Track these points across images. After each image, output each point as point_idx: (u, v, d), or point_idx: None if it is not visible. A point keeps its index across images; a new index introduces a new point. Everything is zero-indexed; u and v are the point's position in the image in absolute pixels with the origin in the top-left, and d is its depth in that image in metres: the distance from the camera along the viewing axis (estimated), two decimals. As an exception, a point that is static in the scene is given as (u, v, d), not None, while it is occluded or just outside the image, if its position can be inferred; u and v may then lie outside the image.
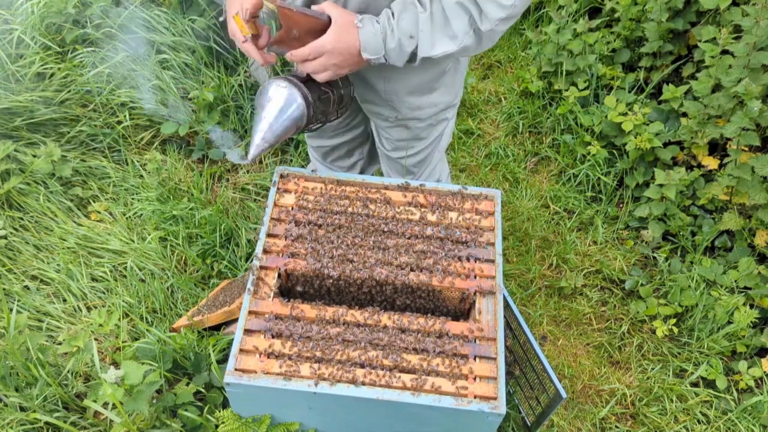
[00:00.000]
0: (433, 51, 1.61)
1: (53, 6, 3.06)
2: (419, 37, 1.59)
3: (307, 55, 1.60)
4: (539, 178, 3.21)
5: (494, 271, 1.75)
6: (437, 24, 1.58)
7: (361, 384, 1.53)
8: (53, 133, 3.04)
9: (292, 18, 1.58)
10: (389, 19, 1.58)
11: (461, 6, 1.55)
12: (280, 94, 1.65)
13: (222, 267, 2.63)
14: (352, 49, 1.59)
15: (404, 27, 1.58)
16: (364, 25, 1.57)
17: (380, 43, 1.59)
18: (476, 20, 1.58)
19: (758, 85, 2.52)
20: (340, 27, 1.57)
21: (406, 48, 1.61)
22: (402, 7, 1.58)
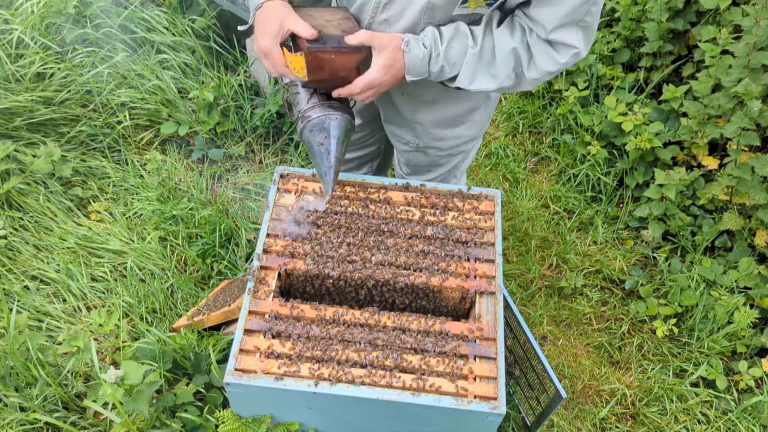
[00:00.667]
0: (471, 85, 1.59)
1: (53, 6, 3.06)
2: (462, 69, 1.57)
3: (357, 92, 1.57)
4: (539, 178, 3.21)
5: (494, 271, 1.75)
6: (483, 61, 1.56)
7: (361, 384, 1.53)
8: (53, 133, 3.04)
9: (335, 61, 1.53)
10: (437, 42, 1.54)
11: (514, 52, 1.54)
12: (336, 126, 1.61)
13: (222, 267, 2.63)
14: (398, 73, 1.56)
15: (451, 56, 1.55)
16: (410, 50, 1.53)
17: (425, 66, 1.55)
18: (523, 66, 1.56)
19: (758, 85, 2.52)
20: (387, 56, 1.53)
21: (446, 74, 1.58)
22: (452, 33, 1.54)
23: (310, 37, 1.51)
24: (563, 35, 1.48)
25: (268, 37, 1.56)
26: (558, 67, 1.54)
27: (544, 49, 1.53)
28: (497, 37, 1.54)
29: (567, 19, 1.45)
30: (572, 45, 1.50)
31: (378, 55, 1.53)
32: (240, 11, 3.07)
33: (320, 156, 1.63)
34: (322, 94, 1.64)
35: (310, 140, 1.63)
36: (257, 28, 1.59)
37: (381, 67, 1.53)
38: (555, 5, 1.44)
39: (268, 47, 1.56)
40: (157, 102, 3.13)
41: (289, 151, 3.17)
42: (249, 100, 3.21)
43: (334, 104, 1.63)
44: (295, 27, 1.52)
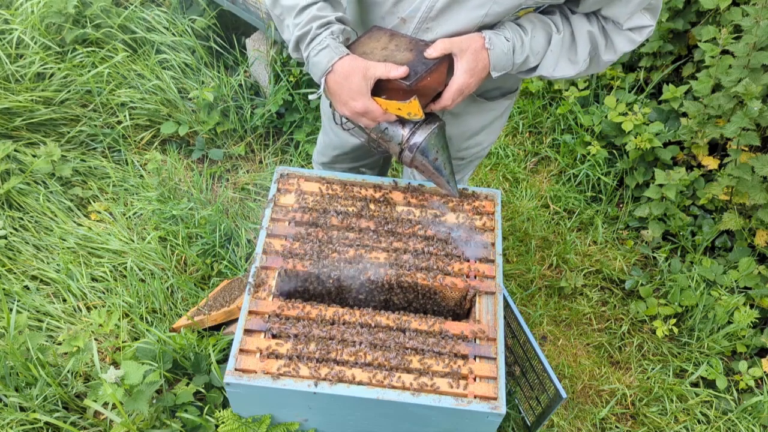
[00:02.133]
0: (555, 72, 1.58)
1: (53, 6, 3.06)
2: (546, 56, 1.55)
3: (449, 104, 1.54)
4: (539, 178, 3.21)
5: (494, 271, 1.75)
6: (564, 47, 1.56)
7: (360, 384, 1.53)
8: (53, 133, 3.04)
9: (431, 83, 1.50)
10: (518, 32, 1.51)
11: (591, 35, 1.54)
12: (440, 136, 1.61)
13: (222, 267, 2.63)
14: (483, 73, 1.52)
15: (536, 45, 1.53)
16: (494, 46, 1.49)
17: (510, 59, 1.52)
18: (600, 50, 1.56)
19: (758, 85, 2.52)
20: (470, 59, 1.48)
21: (530, 64, 1.56)
22: (533, 24, 1.52)
23: (403, 75, 1.45)
24: (636, 20, 1.52)
25: (359, 97, 1.47)
26: (634, 45, 1.57)
27: (621, 33, 1.55)
28: (575, 22, 1.55)
29: (637, 8, 1.49)
30: (645, 25, 1.53)
31: (460, 59, 1.48)
32: (240, 11, 3.07)
33: (440, 169, 1.65)
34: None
35: (425, 163, 1.62)
36: (338, 93, 1.49)
37: (466, 71, 1.49)
38: (625, 4, 1.48)
39: (363, 107, 1.48)
40: (157, 102, 3.13)
41: (289, 151, 3.17)
42: (249, 100, 3.21)
43: (428, 118, 1.60)
44: (383, 72, 1.45)
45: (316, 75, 1.49)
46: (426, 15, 1.51)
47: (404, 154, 1.61)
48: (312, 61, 1.48)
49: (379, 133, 1.62)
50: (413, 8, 1.52)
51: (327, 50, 1.46)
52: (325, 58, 1.46)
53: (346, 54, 1.46)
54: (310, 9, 1.48)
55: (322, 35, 1.47)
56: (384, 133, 1.61)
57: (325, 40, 1.46)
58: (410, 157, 1.61)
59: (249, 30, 3.25)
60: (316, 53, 1.47)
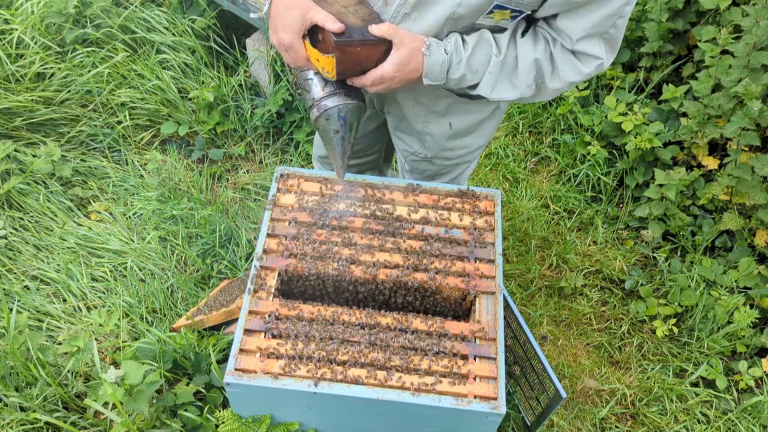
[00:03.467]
0: (492, 94, 1.57)
1: (53, 6, 3.06)
2: (483, 77, 1.55)
3: (368, 84, 1.54)
4: (539, 178, 3.21)
5: (494, 271, 1.75)
6: (506, 70, 1.54)
7: (360, 384, 1.53)
8: (53, 133, 3.04)
9: (359, 54, 1.49)
10: (459, 50, 1.51)
11: (536, 63, 1.52)
12: (352, 113, 1.61)
13: (222, 267, 2.63)
14: (413, 74, 1.53)
15: (474, 64, 1.52)
16: (431, 54, 1.49)
17: (444, 72, 1.52)
18: (545, 77, 1.55)
19: (758, 85, 2.52)
20: (404, 55, 1.49)
21: (467, 82, 1.56)
22: (476, 41, 1.51)
23: (337, 30, 1.44)
24: (588, 46, 1.48)
25: (290, 30, 1.48)
26: (581, 77, 1.54)
27: (568, 59, 1.52)
28: (520, 47, 1.53)
29: (593, 30, 1.45)
30: (596, 56, 1.50)
31: (396, 51, 1.50)
32: (240, 11, 3.07)
33: (336, 143, 1.65)
34: (337, 82, 1.62)
35: (326, 128, 1.63)
36: (275, 18, 1.51)
37: (395, 63, 1.50)
38: (582, 17, 1.43)
39: (289, 41, 1.49)
40: (157, 102, 3.13)
41: (289, 151, 3.17)
42: (249, 100, 3.21)
43: (349, 92, 1.62)
44: (321, 20, 1.45)
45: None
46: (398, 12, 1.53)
47: (312, 111, 1.64)
48: None
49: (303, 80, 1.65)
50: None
51: None
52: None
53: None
54: None
55: None
56: (306, 82, 1.64)
57: None
58: (315, 116, 1.63)
59: (249, 30, 3.25)
60: None
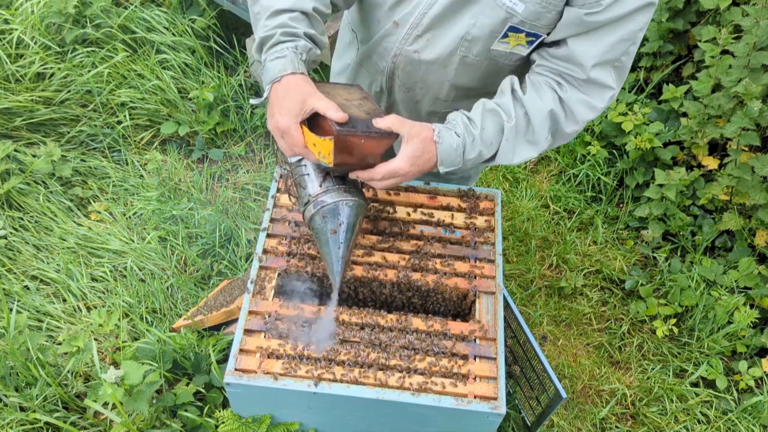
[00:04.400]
0: (514, 159, 1.51)
1: (53, 6, 3.06)
2: (501, 146, 1.49)
3: (377, 178, 1.45)
4: (539, 178, 3.21)
5: (494, 271, 1.75)
6: (520, 132, 1.49)
7: (360, 384, 1.53)
8: (53, 133, 3.04)
9: (363, 146, 1.40)
10: (468, 127, 1.46)
11: (551, 114, 1.48)
12: (351, 212, 1.49)
13: (222, 267, 2.63)
14: (427, 165, 1.46)
15: (487, 137, 1.46)
16: (443, 141, 1.43)
17: (459, 155, 1.46)
18: (560, 124, 1.50)
19: (758, 85, 2.52)
20: (416, 147, 1.42)
21: (484, 157, 1.49)
22: (482, 113, 1.47)
23: (341, 119, 1.37)
24: (601, 74, 1.44)
25: (287, 115, 1.40)
26: (596, 113, 1.50)
27: (580, 99, 1.48)
28: (528, 104, 1.48)
29: (607, 56, 1.41)
30: (609, 85, 1.46)
31: (407, 143, 1.42)
32: (240, 11, 3.07)
33: (331, 245, 1.50)
34: (336, 177, 1.52)
35: (321, 228, 1.50)
36: (274, 103, 1.43)
37: (408, 157, 1.42)
38: (596, 41, 1.40)
39: (286, 126, 1.40)
40: (157, 102, 3.13)
41: (289, 151, 3.17)
42: (249, 100, 3.21)
43: (350, 188, 1.51)
44: (323, 107, 1.38)
45: (265, 81, 1.44)
46: (418, 21, 1.50)
47: (307, 208, 1.51)
48: (267, 66, 1.44)
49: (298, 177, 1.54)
50: (407, 12, 1.51)
51: (283, 60, 1.41)
52: (278, 67, 1.41)
53: (300, 72, 1.41)
54: (283, 16, 1.44)
55: (285, 45, 1.43)
56: (302, 178, 1.53)
57: (285, 51, 1.42)
58: (311, 214, 1.50)
59: (249, 30, 3.25)
60: (272, 59, 1.42)
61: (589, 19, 1.37)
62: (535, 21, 1.41)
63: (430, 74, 1.61)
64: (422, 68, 1.60)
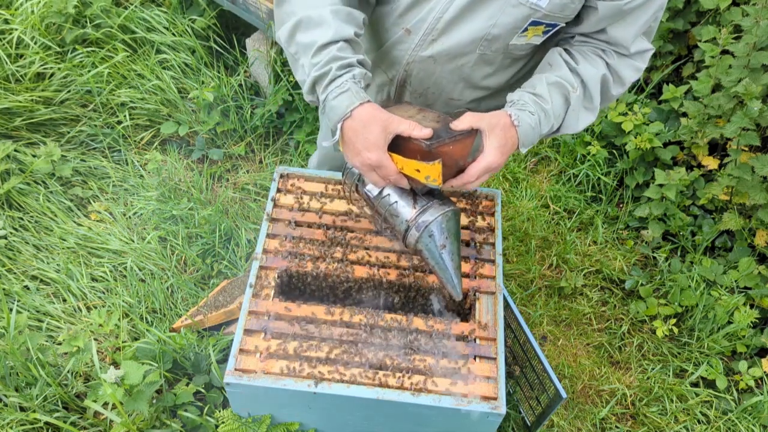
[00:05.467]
0: (578, 126, 1.54)
1: (53, 6, 3.06)
2: (567, 115, 1.52)
3: (473, 179, 1.44)
4: (539, 178, 3.21)
5: (494, 271, 1.75)
6: (580, 100, 1.53)
7: (360, 384, 1.53)
8: (53, 133, 3.04)
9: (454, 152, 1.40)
10: (538, 104, 1.46)
11: (603, 79, 1.52)
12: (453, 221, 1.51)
13: (222, 267, 2.63)
14: (512, 150, 1.46)
15: (556, 110, 1.48)
16: (521, 122, 1.44)
17: (537, 133, 1.47)
18: (610, 87, 1.55)
19: (758, 85, 2.52)
20: (500, 136, 1.41)
21: (553, 129, 1.52)
22: (548, 88, 1.48)
23: (427, 136, 1.36)
24: (640, 45, 1.52)
25: (375, 149, 1.36)
26: (640, 74, 1.57)
27: (625, 62, 1.54)
28: (583, 72, 1.51)
29: (642, 30, 1.49)
30: (647, 48, 1.53)
31: (489, 136, 1.41)
32: (240, 11, 3.07)
33: (445, 260, 1.52)
34: (424, 195, 1.51)
35: (430, 247, 1.50)
36: (354, 140, 1.37)
37: (496, 148, 1.41)
38: (631, 23, 1.46)
39: (378, 159, 1.36)
40: (157, 102, 3.13)
41: (289, 151, 3.17)
42: (249, 100, 3.21)
43: (443, 200, 1.51)
44: (406, 129, 1.36)
45: (333, 120, 1.38)
46: (433, 26, 1.48)
47: (410, 233, 1.50)
48: (330, 104, 1.37)
49: (387, 207, 1.52)
50: (419, 19, 1.48)
51: (348, 94, 1.36)
52: (345, 103, 1.35)
53: (367, 101, 1.37)
54: (330, 48, 1.37)
55: (343, 78, 1.37)
56: (392, 207, 1.51)
57: (346, 84, 1.36)
58: (416, 237, 1.49)
59: (249, 30, 3.25)
60: (335, 96, 1.36)
61: (627, 7, 1.41)
62: (559, 13, 1.42)
63: (445, 77, 1.59)
64: (437, 72, 1.58)
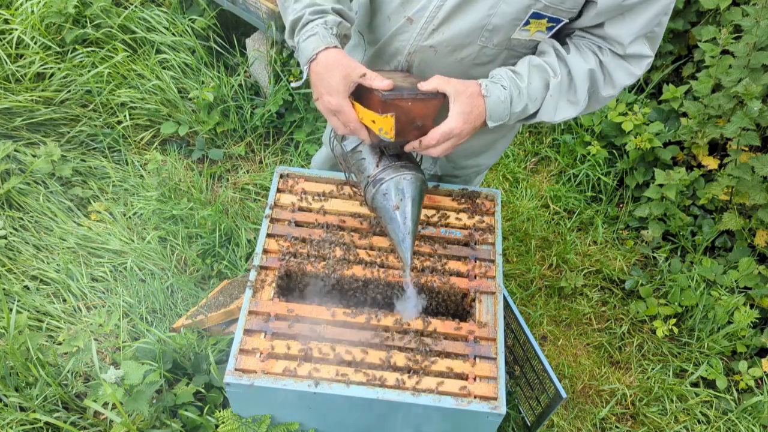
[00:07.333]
0: (555, 117, 1.52)
1: (53, 6, 3.06)
2: (545, 102, 1.50)
3: (433, 143, 1.44)
4: (539, 178, 3.21)
5: (494, 271, 1.75)
6: (563, 89, 1.50)
7: (360, 384, 1.53)
8: (53, 133, 3.04)
9: (411, 109, 1.40)
10: (514, 80, 1.46)
11: (591, 73, 1.49)
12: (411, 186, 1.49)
13: (222, 267, 2.63)
14: (478, 121, 1.45)
15: (533, 91, 1.47)
16: (490, 94, 1.43)
17: (507, 108, 1.46)
18: (599, 86, 1.52)
19: (758, 85, 2.52)
20: (465, 103, 1.42)
21: (529, 111, 1.50)
22: (528, 68, 1.48)
23: (386, 87, 1.37)
24: (637, 48, 1.47)
25: (335, 94, 1.40)
26: (633, 79, 1.53)
27: (619, 64, 1.50)
28: (572, 63, 1.49)
29: (641, 31, 1.44)
30: (646, 54, 1.49)
31: (455, 102, 1.42)
32: (240, 11, 3.07)
33: (397, 221, 1.50)
34: (391, 156, 1.51)
35: (384, 205, 1.50)
36: (317, 83, 1.42)
37: (459, 113, 1.42)
38: (630, 21, 1.42)
39: (337, 104, 1.41)
40: (157, 102, 3.13)
41: (289, 151, 3.17)
42: (249, 100, 3.21)
43: (407, 164, 1.51)
44: (368, 77, 1.38)
45: (302, 62, 1.45)
46: (434, 14, 1.47)
47: (368, 189, 1.51)
48: (300, 46, 1.45)
49: (356, 162, 1.54)
50: (421, 6, 1.48)
51: (315, 38, 1.42)
52: (312, 45, 1.42)
53: (333, 46, 1.41)
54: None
55: (315, 22, 1.43)
56: (359, 163, 1.54)
57: (316, 28, 1.43)
58: (372, 195, 1.50)
59: (249, 30, 3.25)
60: (305, 39, 1.43)
61: (626, 3, 1.38)
62: (559, 5, 1.40)
63: (447, 68, 1.58)
64: (439, 63, 1.58)
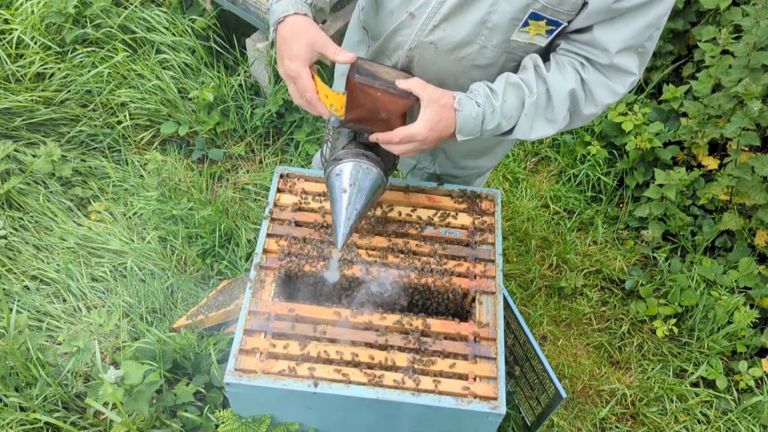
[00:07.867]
0: (531, 135, 1.51)
1: (53, 6, 3.06)
2: (520, 120, 1.49)
3: (395, 141, 1.44)
4: (539, 178, 3.21)
5: (494, 271, 1.75)
6: (540, 108, 1.49)
7: (360, 384, 1.53)
8: (53, 133, 3.04)
9: (379, 99, 1.40)
10: (489, 98, 1.46)
11: (572, 93, 1.47)
12: (365, 176, 1.49)
13: (222, 267, 2.63)
14: (445, 132, 1.45)
15: (507, 110, 1.46)
16: (462, 108, 1.43)
17: (478, 125, 1.46)
18: (580, 105, 1.50)
19: (758, 85, 2.52)
20: (434, 112, 1.42)
21: (503, 129, 1.49)
22: (504, 86, 1.47)
23: (348, 60, 1.38)
24: (624, 60, 1.44)
25: (296, 60, 1.39)
26: (617, 98, 1.50)
27: (602, 82, 1.48)
28: (551, 81, 1.47)
29: (631, 42, 1.41)
30: (631, 71, 1.46)
31: (426, 108, 1.42)
32: (240, 11, 3.07)
33: (340, 203, 1.50)
34: (360, 144, 1.52)
35: (334, 184, 1.50)
36: (281, 46, 1.42)
37: (427, 121, 1.42)
38: (620, 27, 1.40)
39: (296, 71, 1.40)
40: (157, 102, 3.13)
41: (289, 151, 3.17)
42: (249, 100, 3.21)
43: (371, 155, 1.51)
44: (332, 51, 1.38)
45: (271, 23, 1.46)
46: (436, 10, 1.47)
47: (328, 164, 1.53)
48: (273, 8, 1.46)
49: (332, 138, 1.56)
50: (423, 2, 1.48)
51: (286, 1, 1.43)
52: (281, 8, 1.43)
53: (303, 14, 1.42)
54: None
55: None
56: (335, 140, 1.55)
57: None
58: (328, 171, 1.51)
59: (249, 30, 3.25)
60: (277, 1, 1.45)
61: (616, 6, 1.36)
62: (557, 6, 1.39)
63: (447, 67, 1.58)
64: (439, 60, 1.58)
